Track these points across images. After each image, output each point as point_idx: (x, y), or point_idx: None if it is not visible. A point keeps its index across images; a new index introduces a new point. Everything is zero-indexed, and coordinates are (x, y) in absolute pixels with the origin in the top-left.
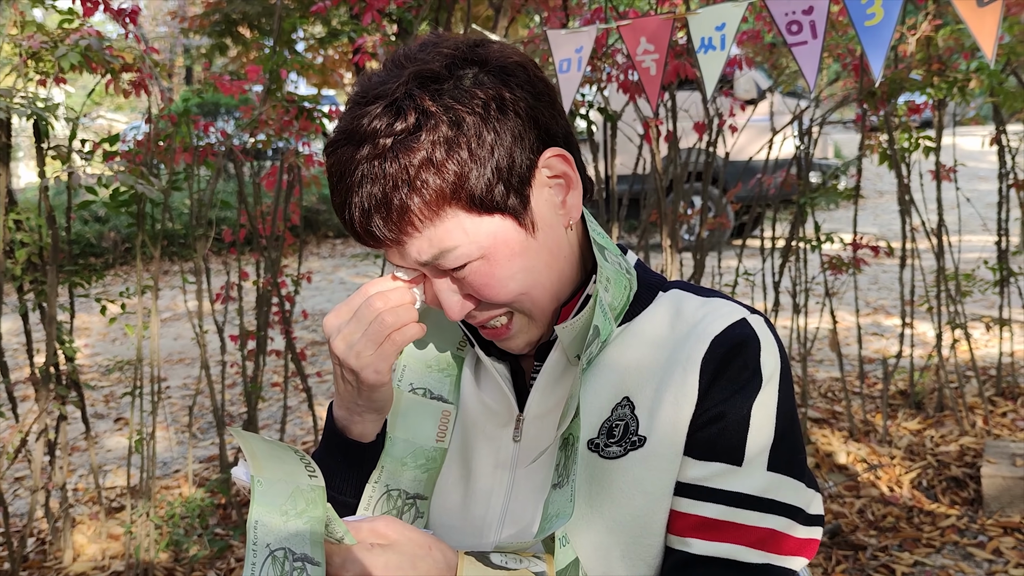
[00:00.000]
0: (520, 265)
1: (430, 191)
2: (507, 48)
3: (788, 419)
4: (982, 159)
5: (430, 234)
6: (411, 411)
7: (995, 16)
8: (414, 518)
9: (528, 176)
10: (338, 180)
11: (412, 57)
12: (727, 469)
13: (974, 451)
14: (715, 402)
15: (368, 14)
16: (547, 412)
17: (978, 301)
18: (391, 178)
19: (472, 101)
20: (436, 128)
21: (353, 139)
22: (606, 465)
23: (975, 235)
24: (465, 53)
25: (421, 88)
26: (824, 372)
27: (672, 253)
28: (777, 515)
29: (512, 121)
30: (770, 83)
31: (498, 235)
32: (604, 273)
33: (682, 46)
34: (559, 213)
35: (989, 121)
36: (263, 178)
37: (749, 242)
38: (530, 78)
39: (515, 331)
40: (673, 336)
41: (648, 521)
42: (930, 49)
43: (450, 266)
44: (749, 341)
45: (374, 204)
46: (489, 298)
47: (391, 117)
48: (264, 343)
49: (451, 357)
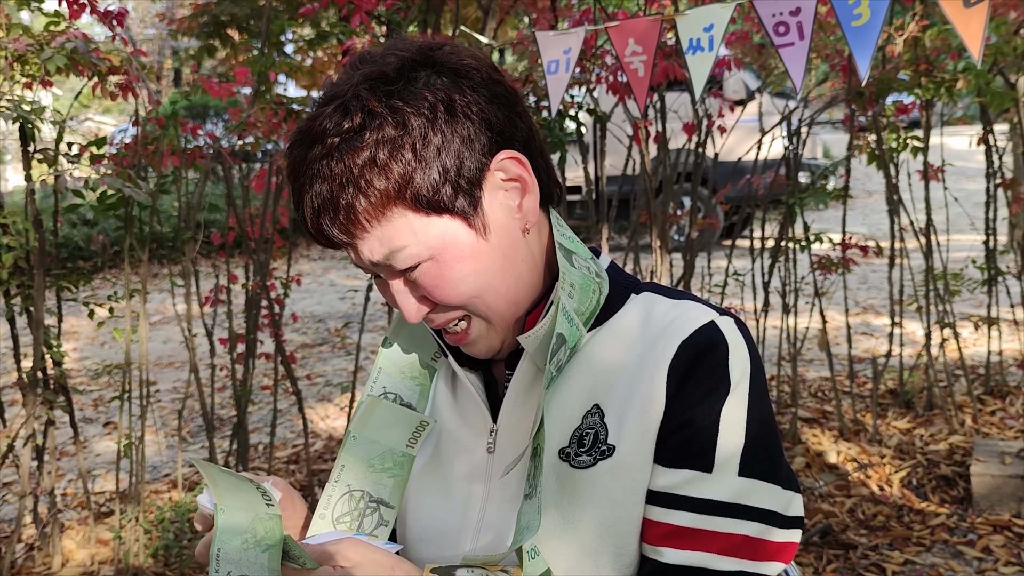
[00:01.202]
0: (470, 268)
1: (374, 191)
2: (464, 51)
3: (760, 422)
4: (969, 159)
5: (379, 234)
6: (385, 414)
7: (981, 17)
8: (376, 524)
9: (479, 178)
10: (292, 180)
11: (369, 60)
12: (697, 476)
13: (963, 450)
14: (682, 408)
15: (357, 16)
16: (520, 422)
17: (966, 300)
18: (337, 177)
19: (420, 103)
20: (380, 128)
21: (307, 139)
22: (576, 475)
23: (963, 235)
24: (419, 56)
25: (370, 90)
26: (814, 372)
27: (662, 254)
28: (751, 520)
29: (461, 123)
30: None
31: (447, 236)
32: (568, 279)
33: (671, 47)
34: (515, 217)
35: (976, 121)
36: (251, 180)
37: (739, 242)
38: (485, 80)
39: (474, 336)
40: (643, 340)
41: (620, 531)
42: (917, 50)
43: (401, 266)
44: (716, 344)
45: (322, 203)
46: (440, 300)
47: (340, 117)
48: (253, 346)
49: (424, 366)
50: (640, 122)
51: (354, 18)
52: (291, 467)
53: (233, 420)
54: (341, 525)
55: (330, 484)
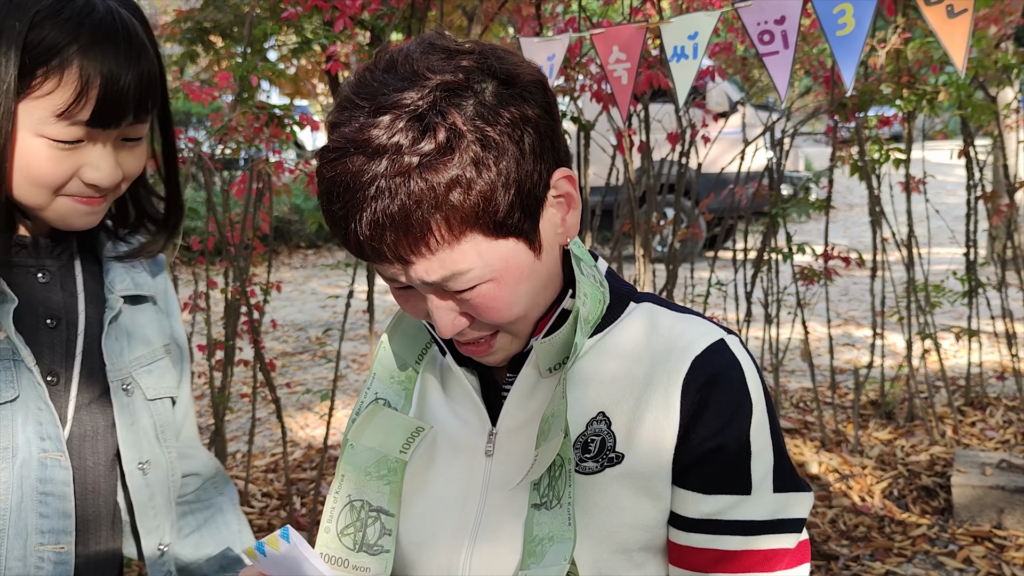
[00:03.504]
0: (526, 288)
1: (456, 213)
2: (524, 62)
3: (777, 434)
4: (949, 172)
5: (443, 256)
6: (382, 420)
7: (965, 27)
8: (380, 534)
9: (543, 198)
10: (344, 191)
11: (422, 62)
12: (738, 500)
13: (944, 461)
14: (709, 433)
15: (340, 21)
16: (521, 426)
17: (947, 312)
18: (415, 196)
19: (499, 119)
20: (468, 148)
21: (365, 150)
22: (581, 480)
23: (944, 247)
24: (483, 64)
25: (447, 102)
26: (796, 382)
27: (645, 264)
28: (789, 532)
29: (534, 141)
30: (742, 96)
31: (511, 259)
32: (582, 288)
33: (655, 57)
34: (558, 232)
35: (957, 135)
36: (232, 186)
37: (721, 253)
38: (545, 95)
39: (497, 347)
40: (650, 351)
41: (623, 538)
42: (899, 62)
43: (457, 288)
44: (732, 365)
45: (390, 222)
46: (492, 320)
47: (417, 132)
48: (232, 353)
49: (404, 367)
50: (624, 131)
51: (337, 23)
52: (269, 475)
53: (211, 428)
54: (345, 538)
55: (331, 496)
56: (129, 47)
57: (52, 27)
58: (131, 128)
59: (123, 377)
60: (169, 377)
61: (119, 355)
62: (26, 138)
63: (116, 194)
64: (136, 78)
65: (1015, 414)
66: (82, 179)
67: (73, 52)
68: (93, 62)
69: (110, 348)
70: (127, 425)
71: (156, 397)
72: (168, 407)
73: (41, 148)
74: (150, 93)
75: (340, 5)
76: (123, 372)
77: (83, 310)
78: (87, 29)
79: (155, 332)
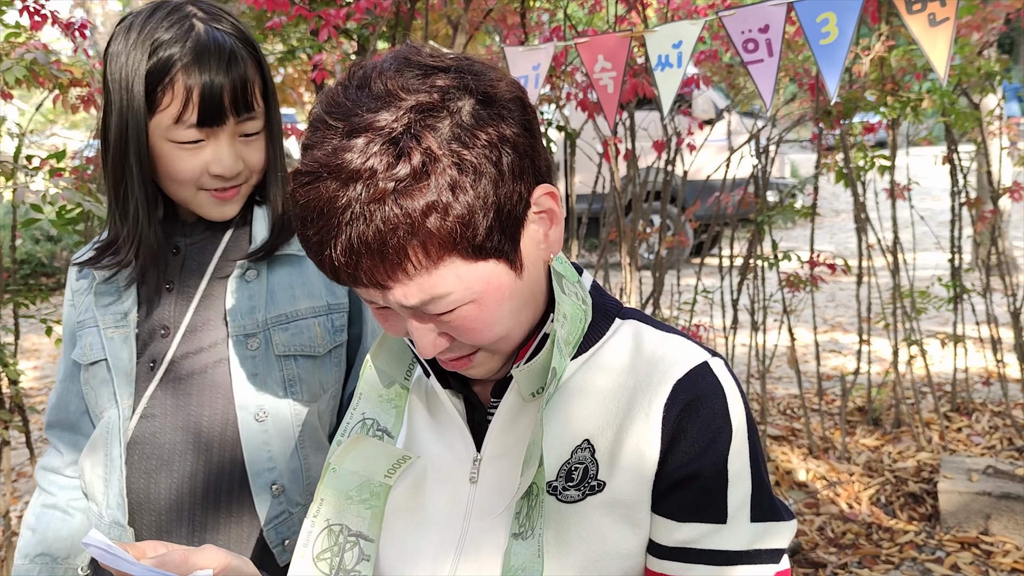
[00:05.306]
0: (508, 308)
1: (433, 238)
2: (503, 78)
3: (758, 462)
4: (934, 179)
5: (421, 281)
6: (367, 448)
7: (947, 35)
8: (358, 559)
9: (522, 217)
10: (318, 217)
11: (396, 81)
12: (712, 529)
13: (931, 467)
14: (687, 459)
15: (325, 30)
16: (505, 452)
17: (933, 318)
18: (391, 223)
19: (476, 140)
20: (444, 172)
21: (339, 175)
22: (563, 509)
23: (929, 253)
24: (459, 82)
25: (422, 125)
26: (783, 389)
27: (631, 271)
28: (765, 563)
29: (512, 161)
30: (727, 103)
31: (491, 280)
32: (561, 308)
33: (641, 65)
34: (541, 248)
35: (940, 142)
36: None
37: (708, 260)
38: (524, 112)
39: (476, 363)
40: (633, 374)
41: (604, 568)
42: (883, 70)
43: (437, 312)
44: (714, 390)
45: (365, 248)
46: (473, 341)
47: (392, 157)
48: None
49: (399, 387)
50: (610, 139)
51: (322, 32)
52: None
53: None
54: (321, 563)
55: (309, 519)
56: (220, 60)
57: (165, 53)
58: (241, 125)
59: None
60: None
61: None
62: (160, 145)
63: (248, 187)
64: (229, 84)
65: (1001, 419)
66: (210, 172)
67: (178, 70)
68: (193, 75)
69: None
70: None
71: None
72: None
73: (172, 151)
74: (245, 95)
75: (324, 15)
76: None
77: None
78: (188, 50)
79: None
